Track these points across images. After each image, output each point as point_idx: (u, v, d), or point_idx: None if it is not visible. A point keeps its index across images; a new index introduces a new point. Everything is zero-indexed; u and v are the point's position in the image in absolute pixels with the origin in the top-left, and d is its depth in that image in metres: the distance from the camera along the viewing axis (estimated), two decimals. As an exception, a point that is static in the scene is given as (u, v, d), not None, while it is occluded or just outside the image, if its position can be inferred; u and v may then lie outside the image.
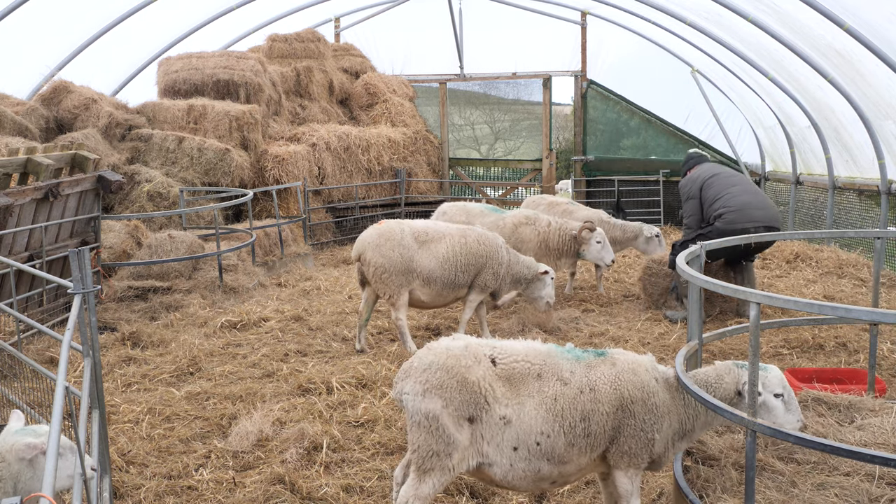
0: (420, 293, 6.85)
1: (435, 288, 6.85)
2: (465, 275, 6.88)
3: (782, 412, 3.49)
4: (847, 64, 9.62)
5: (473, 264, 6.88)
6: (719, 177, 7.71)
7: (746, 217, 7.31)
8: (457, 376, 3.33)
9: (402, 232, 6.80)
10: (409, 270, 6.73)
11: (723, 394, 3.52)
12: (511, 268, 7.07)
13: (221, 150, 11.93)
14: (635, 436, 3.43)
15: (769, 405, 3.47)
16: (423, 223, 7.10)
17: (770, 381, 3.49)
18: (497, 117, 19.39)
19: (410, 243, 6.76)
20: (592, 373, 3.48)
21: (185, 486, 4.47)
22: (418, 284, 6.80)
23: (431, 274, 6.78)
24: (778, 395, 3.48)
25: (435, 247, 6.82)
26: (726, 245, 4.69)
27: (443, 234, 6.91)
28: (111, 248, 9.34)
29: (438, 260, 6.78)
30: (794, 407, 3.53)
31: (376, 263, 6.70)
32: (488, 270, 6.93)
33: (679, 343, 6.94)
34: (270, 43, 15.73)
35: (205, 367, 6.54)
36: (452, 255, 6.80)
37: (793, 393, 3.56)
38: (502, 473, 3.40)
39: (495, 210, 8.76)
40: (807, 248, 10.56)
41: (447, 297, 7.03)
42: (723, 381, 3.55)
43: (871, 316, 2.93)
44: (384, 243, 6.71)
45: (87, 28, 12.33)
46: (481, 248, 6.90)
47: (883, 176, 9.91)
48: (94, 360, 3.51)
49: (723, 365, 3.65)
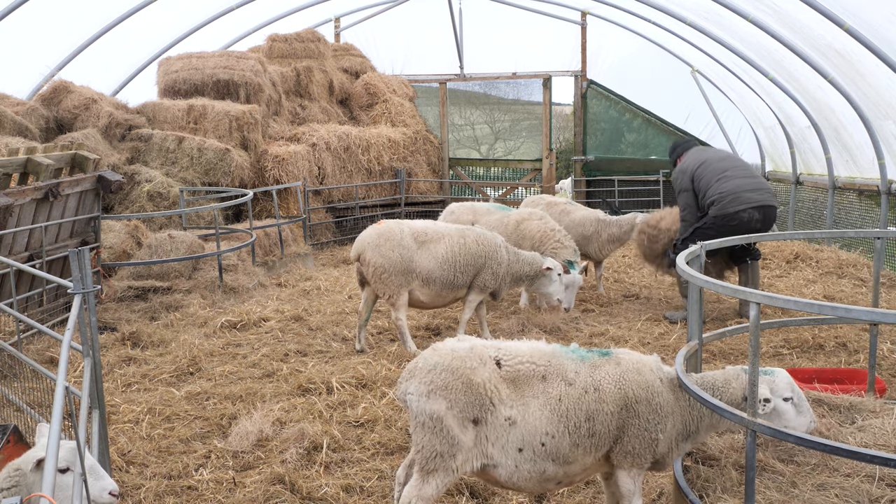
0: (419, 293, 6.85)
1: (434, 288, 6.85)
2: (463, 275, 6.87)
3: (793, 415, 3.48)
4: (847, 64, 9.62)
5: (472, 265, 6.87)
6: (708, 163, 7.53)
7: (740, 200, 7.18)
8: (462, 378, 3.33)
9: (402, 232, 6.79)
10: (409, 270, 6.73)
11: (729, 398, 3.52)
12: (511, 267, 7.06)
13: (221, 150, 11.93)
14: (639, 436, 3.43)
15: (779, 409, 3.46)
16: (423, 223, 7.09)
17: (778, 386, 3.49)
18: (497, 117, 19.40)
19: (410, 243, 6.75)
20: (597, 373, 3.48)
21: (185, 486, 4.47)
22: (417, 284, 6.80)
23: (431, 274, 6.78)
24: (787, 399, 3.48)
25: (434, 247, 6.81)
26: (726, 245, 4.68)
27: (442, 234, 6.91)
28: (111, 248, 9.34)
29: (437, 260, 6.78)
30: (804, 409, 3.52)
31: (376, 263, 6.70)
32: (487, 271, 6.92)
33: (679, 343, 6.94)
34: (270, 43, 15.73)
35: (205, 367, 6.53)
36: (451, 255, 6.80)
37: (803, 395, 3.56)
38: (507, 475, 3.40)
39: (502, 208, 8.77)
40: (807, 248, 10.56)
41: (446, 298, 7.03)
42: (730, 385, 3.55)
43: (871, 316, 2.93)
44: (384, 243, 6.71)
45: (87, 28, 12.33)
46: (480, 249, 6.89)
47: (883, 176, 9.91)
48: (94, 360, 3.51)
49: (732, 370, 3.64)
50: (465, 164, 18.05)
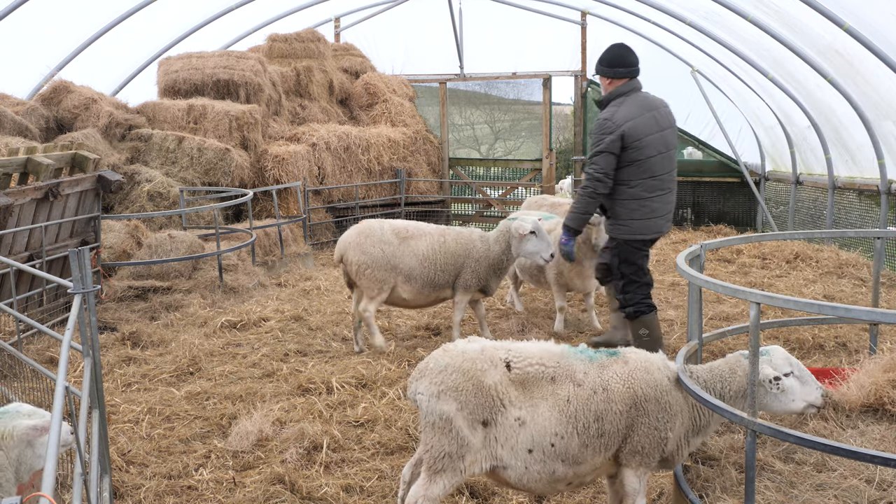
0: (402, 290, 6.82)
1: (415, 286, 6.80)
2: (444, 274, 6.82)
3: (799, 388, 3.49)
4: (847, 64, 9.62)
5: (452, 264, 6.81)
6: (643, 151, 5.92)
7: (647, 229, 6.04)
8: (472, 379, 3.35)
9: (382, 229, 6.80)
10: (392, 266, 6.71)
11: (737, 386, 3.53)
12: (490, 258, 6.78)
13: (221, 150, 11.93)
14: (648, 434, 3.43)
15: (784, 387, 3.46)
16: (404, 222, 7.08)
17: (776, 363, 3.50)
18: (497, 117, 19.40)
19: (391, 239, 6.75)
20: (605, 372, 3.49)
21: (185, 485, 4.47)
22: (400, 281, 6.78)
23: (412, 272, 6.75)
24: (788, 374, 3.48)
25: (415, 244, 6.79)
26: (726, 245, 4.68)
27: (423, 232, 6.89)
28: (111, 247, 9.34)
29: (418, 258, 6.75)
30: (807, 378, 3.53)
31: (359, 261, 6.69)
32: (467, 270, 6.83)
33: (679, 343, 6.94)
34: (270, 43, 15.72)
35: (205, 367, 6.54)
36: (432, 253, 6.76)
37: (801, 364, 3.56)
38: (517, 476, 3.41)
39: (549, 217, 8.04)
40: (807, 248, 10.56)
41: (429, 297, 6.97)
42: (735, 374, 3.56)
43: (871, 316, 2.94)
44: (364, 241, 6.71)
45: (87, 28, 12.32)
46: (459, 248, 6.81)
47: (883, 176, 9.92)
48: (94, 360, 3.51)
49: (733, 358, 3.65)
50: (465, 164, 18.04)
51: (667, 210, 6.14)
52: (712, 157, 15.03)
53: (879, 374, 4.24)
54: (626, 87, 6.07)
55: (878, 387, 4.16)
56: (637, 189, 5.98)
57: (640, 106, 6.01)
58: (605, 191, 6.00)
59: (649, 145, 5.95)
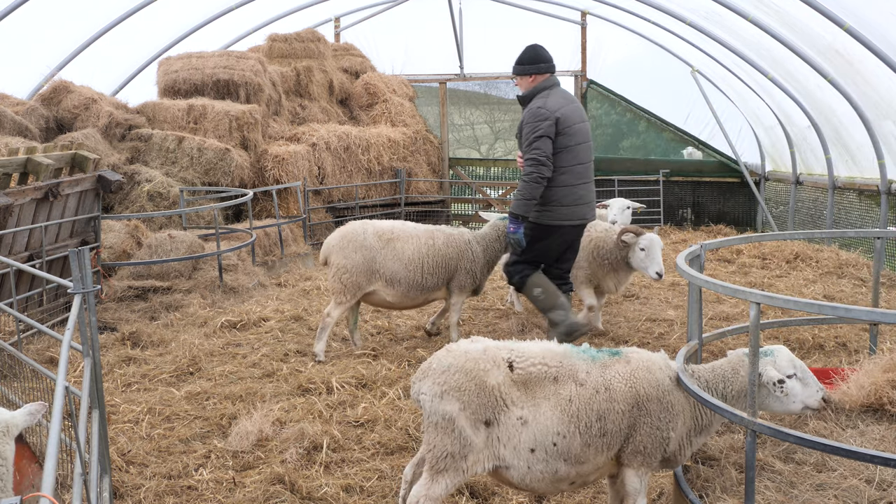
0: (384, 294, 6.69)
1: (400, 289, 6.66)
2: (433, 277, 6.68)
3: (800, 390, 3.51)
4: (847, 64, 9.63)
5: (443, 267, 6.69)
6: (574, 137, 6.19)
7: (573, 215, 6.30)
8: (475, 380, 3.35)
9: (365, 232, 6.66)
10: (371, 271, 6.59)
11: (739, 387, 3.55)
12: (487, 253, 6.80)
13: (221, 150, 11.93)
14: (651, 434, 3.44)
15: (787, 389, 3.47)
16: (390, 223, 6.91)
17: (780, 364, 3.51)
18: (497, 117, 19.41)
19: (373, 243, 6.61)
20: (607, 372, 3.50)
21: (185, 486, 4.47)
22: (381, 285, 6.64)
23: (395, 275, 6.61)
24: (791, 376, 3.49)
25: (401, 247, 6.63)
26: (726, 245, 4.68)
27: (410, 234, 6.73)
28: (111, 247, 9.34)
29: (403, 261, 6.60)
30: (809, 380, 3.55)
31: (338, 265, 6.60)
32: (461, 272, 6.75)
33: (679, 343, 6.94)
34: (270, 43, 15.72)
35: (205, 367, 6.54)
36: (418, 256, 6.62)
37: (804, 366, 3.57)
38: (520, 476, 3.42)
39: None
40: (807, 248, 10.56)
41: (417, 299, 6.84)
42: (738, 374, 3.58)
43: (871, 316, 2.94)
44: (346, 245, 6.61)
45: (87, 28, 12.32)
46: (450, 251, 6.70)
47: (883, 176, 9.92)
48: (94, 360, 3.51)
49: (735, 356, 3.65)
50: (465, 163, 18.04)
51: (591, 198, 6.46)
52: (712, 157, 15.03)
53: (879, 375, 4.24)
54: (549, 83, 6.34)
55: (878, 387, 4.16)
56: (567, 176, 6.23)
57: (563, 97, 6.31)
58: (548, 174, 6.16)
59: (578, 132, 6.26)
